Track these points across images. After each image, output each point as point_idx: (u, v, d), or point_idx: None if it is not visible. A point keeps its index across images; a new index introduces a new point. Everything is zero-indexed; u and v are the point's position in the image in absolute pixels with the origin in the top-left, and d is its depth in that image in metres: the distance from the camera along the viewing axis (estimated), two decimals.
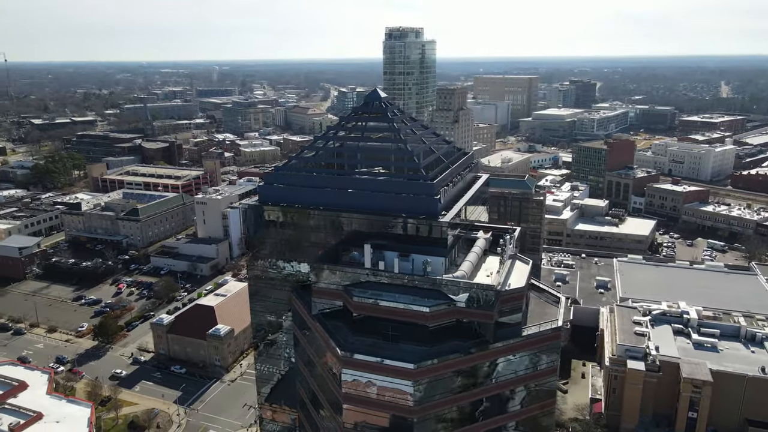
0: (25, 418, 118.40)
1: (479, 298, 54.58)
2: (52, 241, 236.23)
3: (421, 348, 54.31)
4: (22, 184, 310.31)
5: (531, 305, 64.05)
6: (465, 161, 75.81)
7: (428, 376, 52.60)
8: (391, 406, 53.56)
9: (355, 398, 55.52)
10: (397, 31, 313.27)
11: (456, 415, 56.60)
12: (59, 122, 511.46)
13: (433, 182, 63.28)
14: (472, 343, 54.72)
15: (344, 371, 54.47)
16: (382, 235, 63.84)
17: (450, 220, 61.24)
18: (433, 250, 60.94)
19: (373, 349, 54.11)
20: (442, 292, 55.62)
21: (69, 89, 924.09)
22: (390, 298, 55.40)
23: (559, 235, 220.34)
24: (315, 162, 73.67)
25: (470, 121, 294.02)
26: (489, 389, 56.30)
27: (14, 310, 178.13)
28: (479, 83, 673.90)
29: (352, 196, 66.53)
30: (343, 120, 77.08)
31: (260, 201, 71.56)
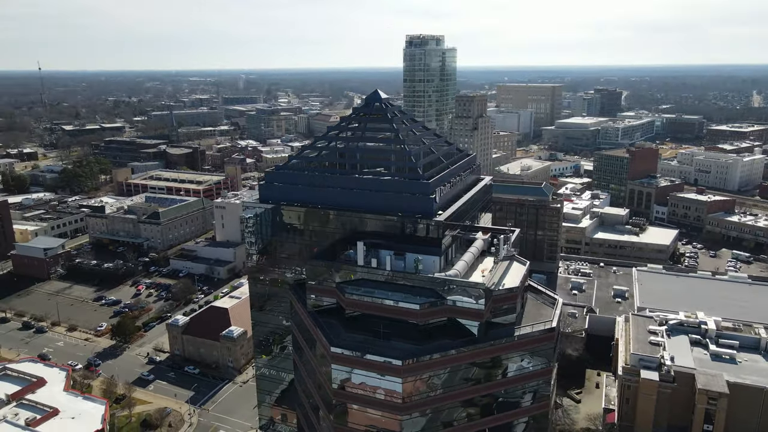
0: (42, 413, 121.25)
1: (469, 296, 54.33)
2: (77, 242, 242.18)
3: (410, 346, 54.26)
4: (51, 188, 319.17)
5: (527, 306, 63.47)
6: (466, 163, 75.68)
7: (416, 374, 52.44)
8: (380, 403, 53.54)
9: (345, 395, 55.63)
10: (417, 39, 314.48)
11: (447, 414, 56.28)
12: (89, 128, 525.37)
13: (428, 182, 63.42)
14: (461, 342, 54.42)
15: (334, 367, 54.72)
16: (379, 233, 64.16)
17: (445, 219, 61.23)
18: (428, 249, 61.02)
19: (363, 346, 54.26)
20: (435, 291, 55.54)
21: (100, 97, 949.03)
22: (382, 296, 55.58)
23: (577, 244, 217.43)
24: (316, 161, 74.47)
25: (489, 129, 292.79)
26: (480, 389, 55.80)
27: (37, 308, 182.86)
28: (502, 91, 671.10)
29: (350, 195, 67.08)
30: (344, 120, 77.87)
31: (260, 199, 72.67)
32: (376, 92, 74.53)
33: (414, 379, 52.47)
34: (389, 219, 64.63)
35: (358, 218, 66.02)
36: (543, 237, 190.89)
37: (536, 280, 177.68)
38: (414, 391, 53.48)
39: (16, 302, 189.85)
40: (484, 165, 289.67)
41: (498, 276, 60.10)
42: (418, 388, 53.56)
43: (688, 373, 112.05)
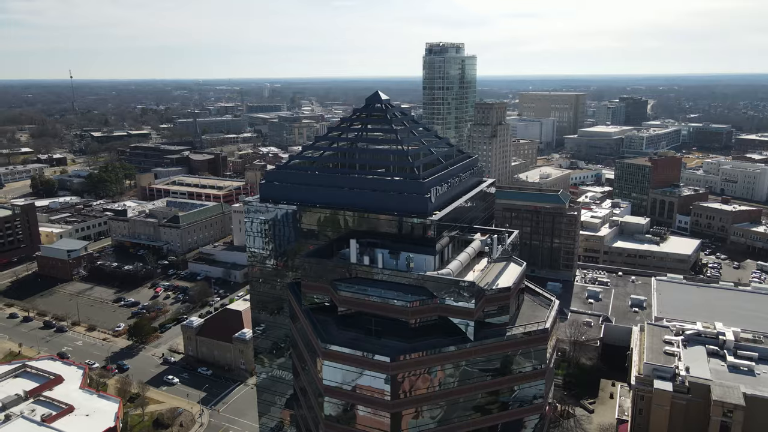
0: (58, 410, 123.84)
1: (459, 295, 54.10)
2: (100, 245, 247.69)
3: (400, 343, 54.21)
4: (78, 192, 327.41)
5: (523, 308, 62.89)
6: (466, 164, 75.54)
7: (405, 371, 52.32)
8: (369, 399, 53.54)
9: (335, 391, 55.79)
10: (437, 47, 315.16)
11: (438, 413, 55.96)
12: (116, 135, 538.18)
13: (423, 181, 63.54)
14: (450, 341, 54.15)
15: (325, 363, 54.96)
16: (375, 233, 64.46)
17: (439, 219, 61.23)
18: (422, 248, 61.05)
19: (354, 343, 54.44)
20: (427, 289, 55.46)
21: (129, 105, 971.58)
22: (374, 293, 55.76)
23: (596, 253, 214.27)
24: (316, 161, 75.21)
25: (508, 137, 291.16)
26: (470, 389, 55.35)
27: (59, 308, 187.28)
28: (525, 100, 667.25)
29: (347, 195, 67.65)
30: (344, 121, 78.57)
31: (260, 198, 73.66)
32: (377, 93, 75.11)
33: (403, 377, 52.35)
34: (385, 218, 64.95)
35: (354, 217, 66.52)
36: (559, 245, 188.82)
37: (552, 289, 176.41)
38: (403, 388, 53.35)
39: (39, 302, 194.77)
40: (503, 172, 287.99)
41: (492, 276, 59.75)
42: (407, 386, 53.42)
43: (703, 384, 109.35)
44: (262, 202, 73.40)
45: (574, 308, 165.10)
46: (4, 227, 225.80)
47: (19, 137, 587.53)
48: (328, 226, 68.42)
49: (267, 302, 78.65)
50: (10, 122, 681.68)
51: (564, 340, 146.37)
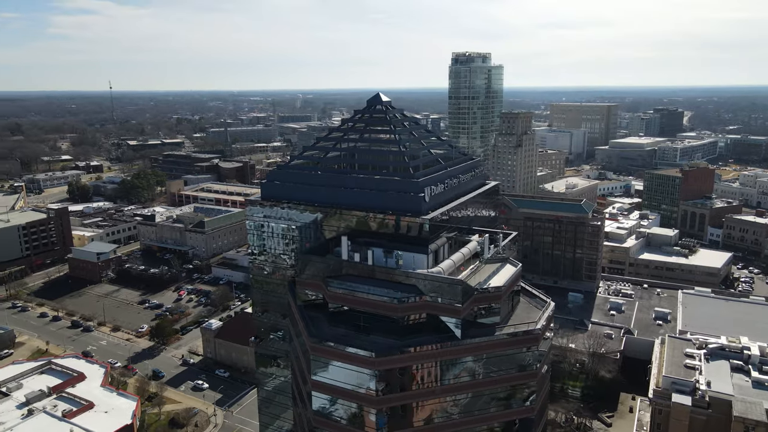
0: (78, 406, 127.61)
1: (446, 292, 53.85)
2: (129, 249, 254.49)
3: (387, 340, 54.19)
4: (111, 198, 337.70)
5: (518, 309, 62.13)
6: (467, 166, 75.31)
7: (389, 367, 52.20)
8: (355, 395, 53.59)
9: (323, 386, 56.03)
10: (463, 56, 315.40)
11: (423, 411, 55.55)
12: (151, 143, 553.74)
13: (417, 180, 63.68)
14: (436, 339, 53.84)
15: (313, 358, 55.33)
16: (371, 231, 64.81)
17: (433, 218, 61.17)
18: (415, 247, 61.06)
19: (344, 339, 54.67)
20: (417, 287, 55.41)
21: (166, 115, 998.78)
22: (363, 290, 56.00)
23: (621, 264, 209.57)
24: (317, 161, 76.22)
25: (534, 146, 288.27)
26: (456, 387, 54.80)
27: (87, 309, 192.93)
28: (555, 111, 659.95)
29: (345, 194, 68.32)
30: (346, 122, 79.43)
31: (262, 197, 75.05)
32: (378, 95, 75.78)
33: (388, 373, 52.28)
34: (380, 217, 65.29)
35: (351, 216, 67.13)
36: (582, 255, 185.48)
37: (572, 300, 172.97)
38: (389, 385, 53.26)
39: (68, 302, 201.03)
40: (528, 182, 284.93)
41: (485, 276, 59.31)
42: (392, 382, 53.32)
43: (724, 400, 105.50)
44: (263, 201, 74.86)
45: (595, 320, 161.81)
46: (39, 230, 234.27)
47: (60, 145, 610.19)
48: (326, 224, 69.23)
49: (268, 303, 79.55)
50: (53, 131, 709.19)
51: (582, 352, 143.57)
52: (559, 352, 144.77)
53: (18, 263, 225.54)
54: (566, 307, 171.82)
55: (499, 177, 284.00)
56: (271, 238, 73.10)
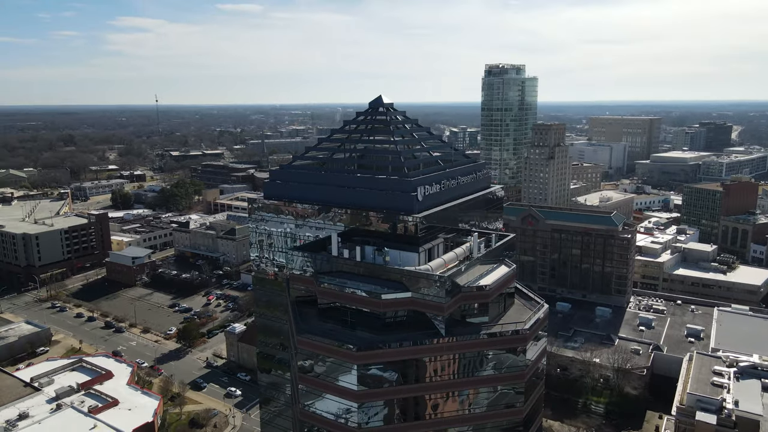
0: (104, 402, 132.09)
1: (430, 289, 53.56)
2: (164, 254, 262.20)
3: (372, 335, 54.22)
4: (151, 205, 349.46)
5: (511, 311, 61.11)
6: (467, 168, 74.96)
7: (369, 362, 52.15)
8: (338, 390, 53.68)
9: (310, 380, 56.43)
10: (496, 68, 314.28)
11: (406, 408, 55.06)
12: (192, 154, 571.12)
13: (410, 180, 63.89)
14: (419, 335, 53.41)
15: (299, 350, 55.85)
16: (366, 229, 65.35)
17: (425, 217, 61.15)
18: (407, 245, 61.14)
19: (330, 333, 54.97)
20: (404, 284, 55.39)
21: (209, 128, 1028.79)
22: (353, 286, 56.34)
23: (654, 280, 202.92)
24: (317, 161, 77.51)
25: (567, 159, 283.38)
26: (438, 386, 54.13)
27: (120, 311, 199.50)
28: (595, 124, 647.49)
29: (342, 193, 69.25)
30: (347, 124, 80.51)
31: (264, 196, 76.69)
32: (380, 97, 76.64)
33: (369, 368, 52.25)
34: (374, 215, 65.77)
35: (345, 214, 67.93)
36: (611, 269, 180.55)
37: (600, 314, 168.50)
38: (370, 380, 53.23)
39: (103, 304, 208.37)
40: (561, 195, 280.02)
41: (476, 275, 58.74)
42: (374, 378, 53.27)
43: (752, 419, 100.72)
44: (265, 200, 76.52)
45: (622, 335, 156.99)
46: (80, 234, 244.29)
47: (108, 155, 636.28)
48: (324, 222, 70.28)
49: (270, 304, 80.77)
50: (103, 142, 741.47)
51: (607, 367, 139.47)
52: (583, 366, 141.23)
53: (60, 266, 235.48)
54: (593, 321, 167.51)
55: (531, 189, 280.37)
56: (271, 236, 74.75)
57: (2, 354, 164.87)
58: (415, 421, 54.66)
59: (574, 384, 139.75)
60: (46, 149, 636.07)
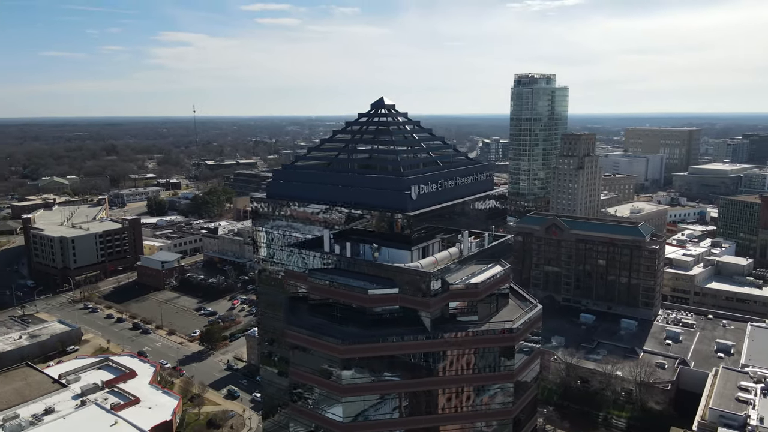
0: (126, 400, 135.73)
1: (416, 285, 53.36)
2: (193, 260, 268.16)
3: (359, 330, 54.30)
4: (184, 212, 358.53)
5: (504, 311, 60.23)
6: (468, 170, 74.56)
7: (354, 356, 52.17)
8: (325, 384, 53.89)
9: (300, 375, 56.84)
10: (526, 78, 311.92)
11: (391, 404, 54.75)
12: (226, 163, 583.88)
13: (403, 178, 64.03)
14: (404, 331, 53.17)
15: (290, 342, 56.37)
16: (361, 228, 65.76)
17: (417, 216, 61.12)
18: (400, 243, 61.13)
19: (319, 328, 55.37)
20: (393, 280, 55.41)
21: (246, 138, 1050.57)
22: (341, 282, 56.67)
23: (685, 293, 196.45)
24: (319, 162, 78.51)
25: (597, 169, 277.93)
26: (426, 383, 53.65)
27: (148, 313, 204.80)
28: (631, 135, 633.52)
29: (340, 192, 69.88)
30: (349, 125, 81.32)
31: (267, 196, 78.04)
32: (381, 99, 77.34)
33: (354, 363, 52.34)
34: (370, 213, 66.10)
35: (343, 212, 68.53)
36: (638, 281, 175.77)
37: (625, 327, 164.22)
38: (355, 375, 53.31)
39: (133, 306, 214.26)
40: (591, 206, 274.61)
41: (467, 274, 58.25)
42: (359, 373, 53.30)
43: None
44: (268, 199, 78.01)
45: (647, 348, 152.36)
46: (114, 238, 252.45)
47: (147, 164, 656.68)
48: (322, 220, 71.11)
49: (272, 302, 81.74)
50: (143, 152, 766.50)
51: (629, 380, 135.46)
52: (604, 379, 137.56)
53: (94, 268, 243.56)
54: (617, 333, 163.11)
55: (560, 200, 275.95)
56: (273, 234, 76.02)
57: (35, 351, 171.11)
58: (402, 417, 54.41)
59: (594, 397, 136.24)
60: (89, 158, 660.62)
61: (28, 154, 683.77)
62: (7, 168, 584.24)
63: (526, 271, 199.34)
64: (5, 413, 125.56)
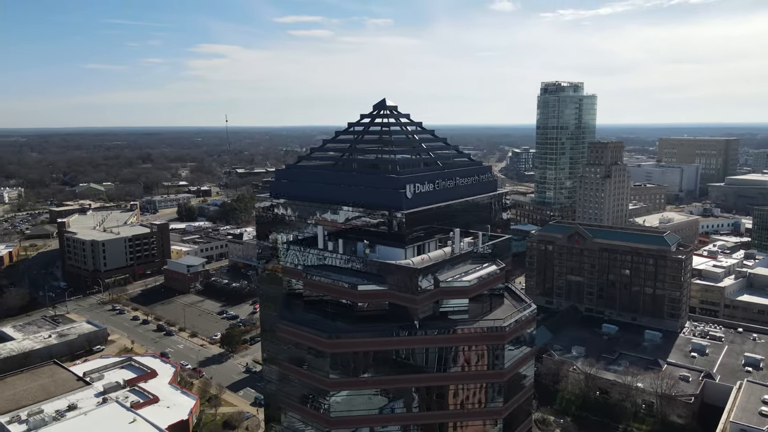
0: (145, 399, 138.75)
1: (403, 281, 53.19)
2: (219, 264, 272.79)
3: (346, 326, 54.40)
4: (212, 218, 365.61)
5: (498, 311, 59.43)
6: (468, 171, 74.21)
7: (340, 350, 52.23)
8: (311, 377, 54.13)
9: (290, 368, 57.26)
10: (553, 86, 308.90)
11: (377, 399, 54.51)
12: (256, 171, 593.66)
13: (398, 177, 64.15)
14: (393, 327, 52.93)
15: (281, 336, 56.89)
16: (358, 225, 66.20)
17: (411, 214, 61.10)
18: (394, 242, 61.14)
19: (311, 323, 55.71)
20: (384, 277, 55.43)
21: (277, 147, 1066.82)
22: (336, 278, 56.99)
23: (715, 305, 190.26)
24: (322, 161, 79.33)
25: (625, 178, 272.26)
26: (414, 380, 53.24)
27: (173, 315, 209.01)
28: (665, 145, 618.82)
29: (338, 191, 70.42)
30: (351, 125, 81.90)
31: (270, 195, 79.18)
32: (383, 100, 77.80)
33: (342, 356, 52.45)
34: (363, 211, 66.51)
35: (338, 210, 69.17)
36: (663, 292, 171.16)
37: (649, 338, 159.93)
38: (342, 368, 53.43)
39: (158, 308, 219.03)
40: (618, 215, 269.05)
41: (458, 272, 57.81)
42: (347, 367, 53.42)
43: None
44: (271, 198, 79.24)
45: (671, 360, 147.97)
46: (143, 243, 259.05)
47: (180, 172, 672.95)
48: (320, 218, 71.83)
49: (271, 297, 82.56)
50: (176, 160, 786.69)
51: (650, 392, 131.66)
52: (624, 390, 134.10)
53: (123, 271, 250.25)
54: (641, 345, 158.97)
55: (586, 209, 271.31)
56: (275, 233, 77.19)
57: (63, 350, 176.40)
58: (391, 414, 54.25)
59: (613, 408, 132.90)
60: (125, 166, 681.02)
61: (69, 162, 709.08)
62: (48, 175, 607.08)
63: (549, 280, 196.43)
64: (30, 408, 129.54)
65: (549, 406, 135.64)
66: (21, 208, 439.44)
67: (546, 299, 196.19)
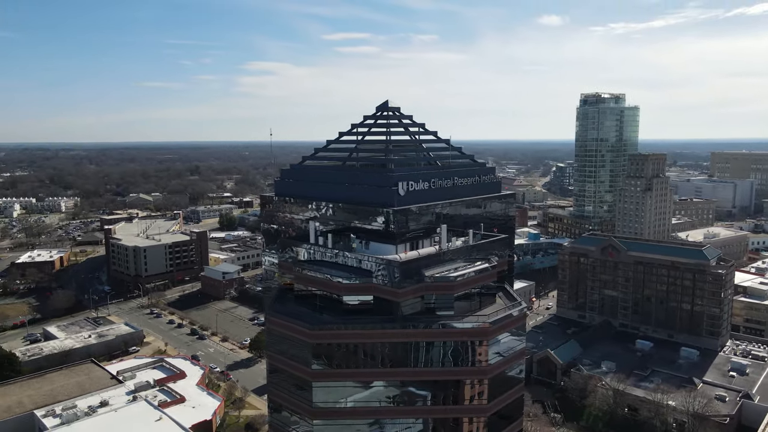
0: (173, 399, 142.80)
1: (387, 275, 53.04)
2: (255, 272, 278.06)
3: (331, 318, 54.65)
4: (251, 228, 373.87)
5: (489, 309, 58.41)
6: (467, 171, 73.57)
7: (323, 341, 52.43)
8: (298, 368, 54.55)
9: (278, 359, 57.96)
10: (592, 97, 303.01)
11: (360, 392, 54.26)
12: None
13: (391, 174, 64.34)
14: (376, 320, 52.76)
15: (269, 328, 57.77)
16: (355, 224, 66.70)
17: (402, 211, 61.04)
18: (387, 238, 61.25)
19: (299, 315, 56.32)
20: (371, 272, 55.61)
21: None
22: (326, 273, 57.55)
23: (760, 324, 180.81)
24: (326, 161, 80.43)
25: (667, 191, 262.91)
26: (396, 374, 52.76)
27: (206, 320, 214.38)
28: (717, 159, 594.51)
29: (337, 190, 71.25)
30: (354, 126, 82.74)
31: (275, 194, 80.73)
32: (386, 102, 78.39)
33: (324, 348, 52.72)
34: (361, 209, 66.97)
35: (339, 209, 69.88)
36: (702, 308, 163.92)
37: (685, 356, 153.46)
38: (324, 359, 53.68)
39: (193, 313, 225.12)
40: (660, 229, 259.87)
41: (447, 269, 57.28)
42: (329, 358, 53.64)
43: None
44: (276, 197, 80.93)
45: (708, 379, 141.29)
46: (182, 250, 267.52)
47: (226, 184, 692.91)
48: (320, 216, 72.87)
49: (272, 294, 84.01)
50: (223, 173, 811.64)
51: (683, 411, 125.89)
52: (653, 408, 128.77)
53: (163, 277, 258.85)
54: (676, 362, 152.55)
55: (626, 223, 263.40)
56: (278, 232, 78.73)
57: (101, 350, 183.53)
58: (373, 406, 54.12)
59: (642, 426, 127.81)
60: (174, 177, 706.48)
61: (123, 173, 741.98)
62: (103, 186, 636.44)
63: (582, 294, 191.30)
64: (65, 403, 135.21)
65: (575, 422, 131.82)
66: (76, 216, 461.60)
67: (579, 313, 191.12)
